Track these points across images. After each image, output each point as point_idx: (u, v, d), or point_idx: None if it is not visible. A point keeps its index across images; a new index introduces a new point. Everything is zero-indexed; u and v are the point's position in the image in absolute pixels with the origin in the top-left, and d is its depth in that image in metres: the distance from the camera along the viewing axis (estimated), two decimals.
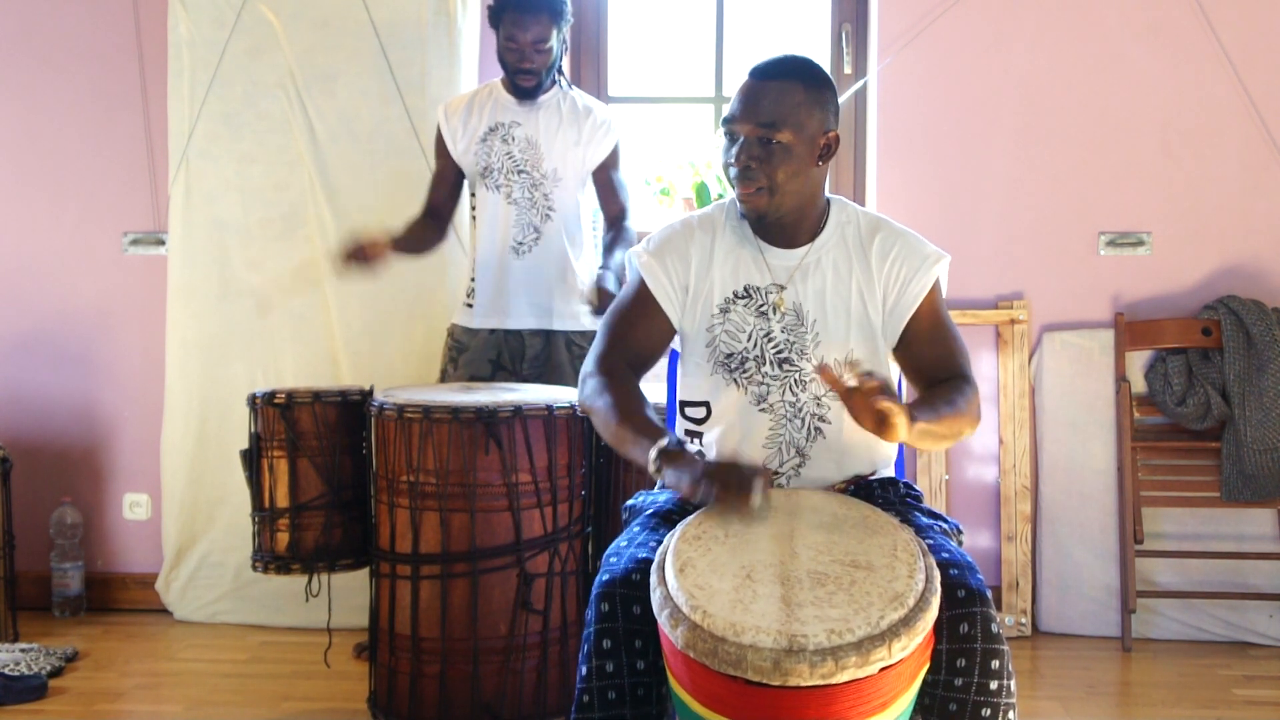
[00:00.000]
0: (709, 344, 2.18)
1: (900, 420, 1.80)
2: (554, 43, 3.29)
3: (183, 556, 3.84)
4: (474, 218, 3.42)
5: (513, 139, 3.35)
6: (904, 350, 2.18)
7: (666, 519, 2.09)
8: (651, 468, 1.95)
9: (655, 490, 2.27)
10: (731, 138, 2.11)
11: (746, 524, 1.85)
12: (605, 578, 1.90)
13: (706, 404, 2.20)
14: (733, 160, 2.10)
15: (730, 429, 2.17)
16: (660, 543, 1.93)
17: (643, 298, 2.20)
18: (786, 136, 2.06)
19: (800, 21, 4.16)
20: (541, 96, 3.37)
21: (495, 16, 3.31)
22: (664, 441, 1.95)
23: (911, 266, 2.15)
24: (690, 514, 2.03)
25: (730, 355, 2.16)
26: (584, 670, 1.88)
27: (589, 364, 2.17)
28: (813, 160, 2.11)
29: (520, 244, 3.36)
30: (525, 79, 3.30)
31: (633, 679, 1.86)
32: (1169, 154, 3.75)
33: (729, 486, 1.86)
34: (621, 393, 2.09)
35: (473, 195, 3.43)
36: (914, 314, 2.15)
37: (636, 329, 2.20)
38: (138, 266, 3.94)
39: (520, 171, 3.34)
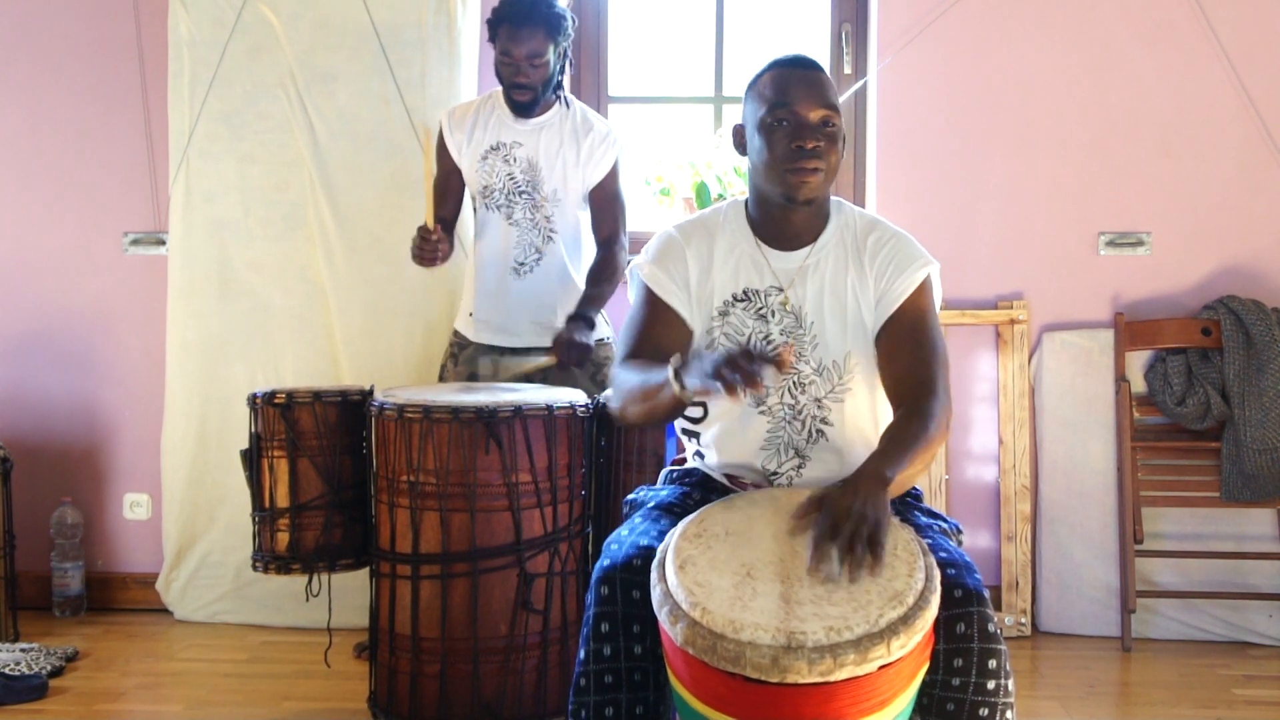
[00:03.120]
0: (708, 347, 2.17)
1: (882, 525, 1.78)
2: (550, 57, 3.23)
3: (183, 556, 3.84)
4: (475, 232, 3.42)
5: (514, 159, 3.32)
6: (882, 348, 2.13)
7: (668, 510, 2.10)
8: (675, 386, 1.87)
9: (657, 486, 2.27)
10: (783, 125, 2.07)
11: (769, 521, 1.83)
12: (606, 563, 1.91)
13: (704, 404, 2.19)
14: (800, 141, 2.06)
15: (728, 430, 2.17)
16: (662, 531, 1.94)
17: (653, 305, 2.17)
18: (839, 120, 2.11)
19: (800, 21, 4.16)
20: (543, 116, 3.32)
21: (492, 29, 3.26)
22: (675, 361, 1.89)
23: (899, 265, 2.14)
24: (692, 510, 2.04)
25: None
26: (582, 654, 1.89)
27: (611, 377, 2.16)
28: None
29: (521, 264, 3.35)
30: (520, 94, 3.26)
31: (629, 663, 1.87)
32: (1169, 154, 3.75)
33: (738, 376, 1.75)
34: (636, 368, 2.04)
35: (475, 210, 3.42)
36: (897, 312, 2.12)
37: (653, 336, 2.15)
38: (138, 266, 3.95)
39: (521, 193, 3.32)
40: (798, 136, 2.06)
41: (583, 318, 3.25)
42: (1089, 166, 3.77)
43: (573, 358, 3.20)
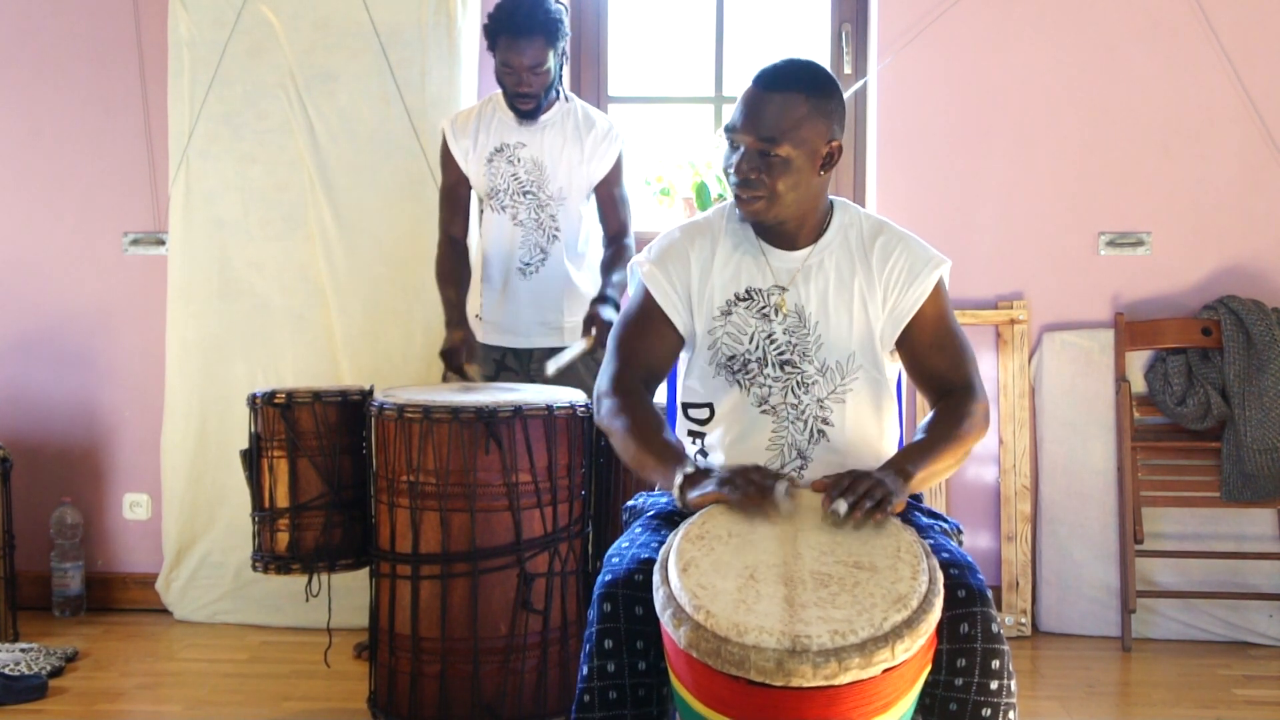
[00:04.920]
0: (711, 346, 2.18)
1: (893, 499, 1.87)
2: (551, 64, 3.23)
3: (183, 556, 3.84)
4: (481, 234, 3.42)
5: (518, 160, 3.32)
6: (909, 355, 2.17)
7: (668, 520, 2.09)
8: (676, 495, 1.96)
9: (656, 491, 2.27)
10: (732, 145, 2.10)
11: (772, 522, 1.86)
12: (607, 578, 1.91)
13: (710, 405, 2.20)
14: (732, 168, 2.10)
15: (732, 431, 2.17)
16: (662, 543, 1.93)
17: (649, 310, 2.20)
18: (786, 150, 2.05)
19: (800, 21, 4.16)
20: (545, 115, 3.32)
21: (490, 38, 3.25)
22: (687, 468, 1.98)
23: (913, 270, 2.14)
24: (692, 515, 2.04)
25: (732, 357, 2.16)
26: (585, 670, 1.88)
27: (603, 383, 2.18)
28: (814, 171, 2.10)
29: (527, 265, 3.34)
30: (524, 103, 3.26)
31: (634, 679, 1.86)
32: (1169, 154, 3.75)
33: (751, 486, 1.88)
34: (640, 415, 2.10)
35: (480, 212, 3.42)
36: (916, 317, 2.14)
37: (646, 342, 2.20)
38: (138, 266, 3.94)
39: (526, 193, 3.31)
40: (734, 164, 2.09)
41: (609, 300, 3.26)
42: (1089, 166, 3.77)
43: (604, 337, 3.18)
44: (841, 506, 1.83)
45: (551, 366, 3.21)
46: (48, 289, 3.95)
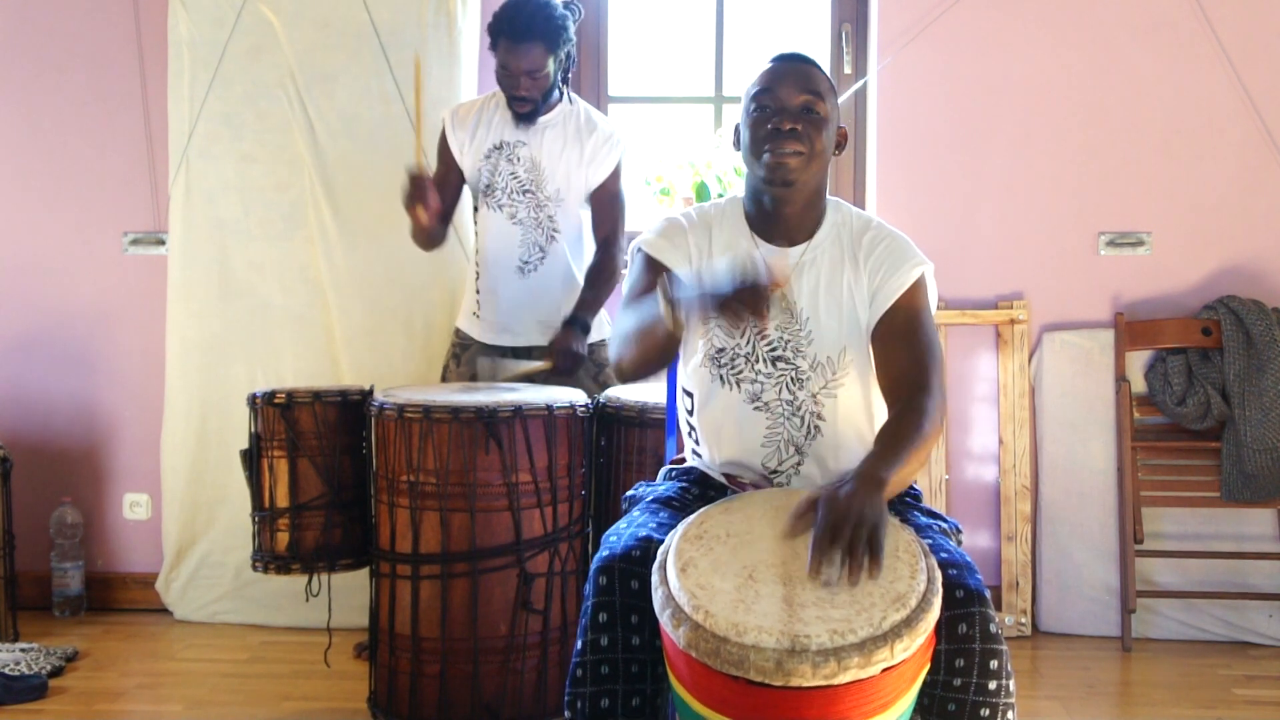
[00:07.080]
0: (703, 336, 2.18)
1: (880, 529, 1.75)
2: (550, 69, 3.22)
3: (183, 556, 3.84)
4: (477, 231, 3.42)
5: (517, 159, 3.31)
6: (876, 346, 2.14)
7: (667, 504, 2.10)
8: (663, 305, 1.90)
9: (656, 482, 2.27)
10: (763, 110, 2.13)
11: (770, 525, 1.83)
12: (605, 553, 1.91)
13: (693, 395, 2.21)
14: (777, 123, 2.10)
15: (725, 427, 2.17)
16: (661, 523, 1.94)
17: (656, 271, 2.16)
18: (824, 109, 2.13)
19: (800, 21, 4.16)
20: (547, 115, 3.32)
21: (492, 39, 3.24)
22: (662, 280, 1.92)
23: (893, 264, 2.15)
24: (693, 506, 2.03)
25: (721, 350, 2.16)
26: (579, 644, 1.88)
27: (612, 347, 2.15)
28: (832, 146, 2.17)
29: (526, 263, 3.34)
30: (520, 105, 3.26)
31: (627, 654, 1.86)
32: (1169, 154, 3.75)
33: (744, 305, 1.82)
34: (635, 308, 2.07)
35: (475, 210, 3.42)
36: (891, 309, 2.12)
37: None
38: (138, 266, 3.94)
39: (525, 192, 3.31)
40: (776, 119, 2.11)
41: (578, 322, 3.25)
42: (1089, 166, 3.77)
43: (567, 365, 3.21)
44: (834, 574, 1.67)
45: (508, 373, 3.24)
46: (48, 289, 3.95)
